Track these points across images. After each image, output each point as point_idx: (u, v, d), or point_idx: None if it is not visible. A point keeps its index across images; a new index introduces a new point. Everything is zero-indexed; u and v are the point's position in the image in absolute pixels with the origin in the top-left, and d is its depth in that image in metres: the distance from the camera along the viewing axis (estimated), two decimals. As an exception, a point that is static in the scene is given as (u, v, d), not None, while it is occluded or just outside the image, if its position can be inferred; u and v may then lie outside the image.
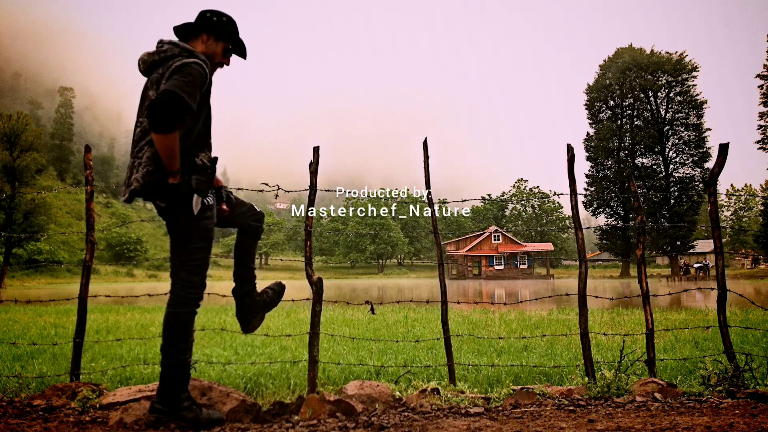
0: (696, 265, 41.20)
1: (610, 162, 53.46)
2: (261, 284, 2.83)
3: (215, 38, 2.51)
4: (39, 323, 7.96)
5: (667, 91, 51.52)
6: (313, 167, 3.16)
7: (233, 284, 2.74)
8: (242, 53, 2.63)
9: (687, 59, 51.26)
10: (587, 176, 54.44)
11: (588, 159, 54.60)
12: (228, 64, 2.59)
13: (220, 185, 2.59)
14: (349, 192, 3.53)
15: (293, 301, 3.93)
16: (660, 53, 52.64)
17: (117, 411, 2.42)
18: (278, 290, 2.84)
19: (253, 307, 2.73)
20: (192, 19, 2.57)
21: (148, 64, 2.45)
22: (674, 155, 51.39)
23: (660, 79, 51.53)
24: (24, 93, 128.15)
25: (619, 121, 53.38)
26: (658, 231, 47.48)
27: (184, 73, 2.27)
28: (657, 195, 30.33)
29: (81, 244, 69.25)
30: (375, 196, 74.82)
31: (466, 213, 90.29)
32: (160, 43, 2.45)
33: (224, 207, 2.58)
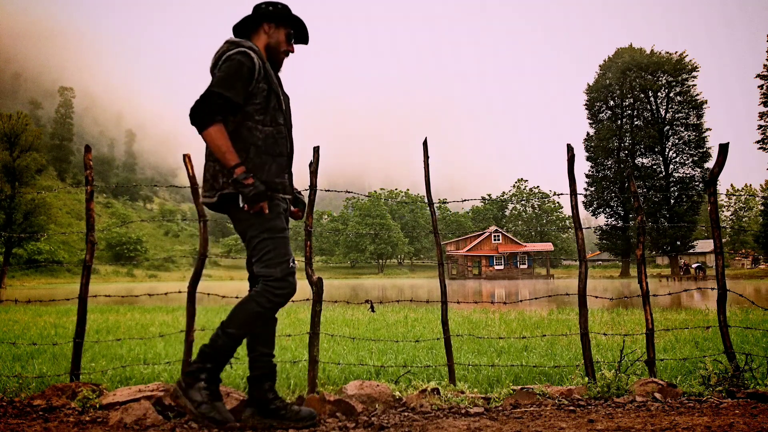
0: (695, 265, 41.25)
1: (610, 162, 53.47)
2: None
3: (276, 25, 2.47)
4: (39, 323, 7.96)
5: (667, 91, 51.53)
6: (313, 167, 3.16)
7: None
8: (304, 37, 2.57)
9: (687, 59, 51.28)
10: (587, 176, 54.45)
11: (588, 159, 54.62)
12: (293, 51, 2.52)
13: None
14: (350, 192, 3.54)
15: (293, 301, 3.93)
16: (660, 53, 52.65)
17: (117, 411, 2.42)
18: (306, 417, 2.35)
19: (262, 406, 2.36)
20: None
21: (211, 70, 2.45)
22: (674, 155, 51.40)
23: (660, 79, 51.54)
24: (24, 93, 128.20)
25: (619, 121, 53.39)
26: (658, 231, 47.49)
27: (222, 67, 2.28)
28: (657, 195, 30.36)
29: (81, 244, 69.25)
30: (375, 195, 74.82)
31: (464, 211, 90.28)
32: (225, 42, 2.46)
33: (295, 210, 2.52)
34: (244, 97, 2.29)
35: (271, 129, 2.38)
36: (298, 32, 2.55)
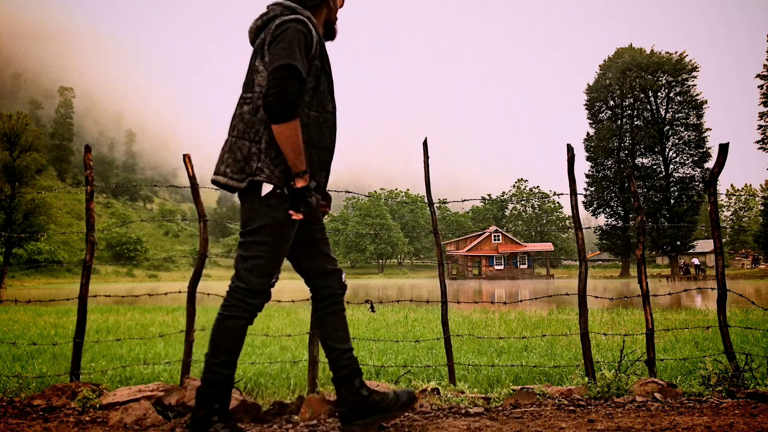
0: (695, 261, 41.30)
1: (610, 162, 53.47)
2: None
3: None
4: (39, 323, 7.96)
5: (667, 91, 51.54)
6: (313, 167, 3.15)
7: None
8: None
9: (687, 59, 51.29)
10: (587, 176, 54.45)
11: (588, 159, 54.62)
12: (342, 5, 2.33)
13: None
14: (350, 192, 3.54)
15: (293, 301, 3.93)
16: (660, 53, 52.66)
17: (117, 411, 2.42)
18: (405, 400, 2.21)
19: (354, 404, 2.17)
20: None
21: (253, 33, 2.19)
22: (674, 155, 51.41)
23: (660, 79, 51.55)
24: (24, 93, 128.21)
25: (619, 121, 53.39)
26: (658, 231, 47.49)
27: (278, 35, 2.00)
28: (657, 195, 30.36)
29: (81, 244, 69.27)
30: (375, 195, 74.89)
31: (464, 211, 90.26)
32: (267, 7, 2.18)
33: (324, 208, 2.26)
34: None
35: (317, 115, 2.13)
36: None
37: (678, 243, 48.49)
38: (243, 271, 2.09)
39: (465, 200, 4.17)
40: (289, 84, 1.93)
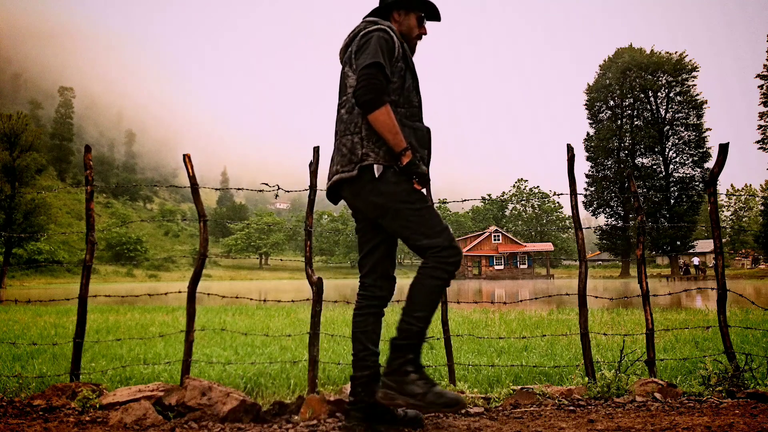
0: (695, 260, 41.30)
1: (610, 162, 53.48)
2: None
3: (405, 12, 2.43)
4: (39, 323, 7.96)
5: (667, 91, 51.56)
6: (313, 167, 3.15)
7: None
8: (436, 15, 2.49)
9: (687, 59, 51.32)
10: (587, 176, 54.46)
11: (588, 159, 54.64)
12: (426, 33, 2.49)
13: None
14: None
15: (293, 301, 3.93)
16: (660, 53, 52.67)
17: (117, 411, 2.42)
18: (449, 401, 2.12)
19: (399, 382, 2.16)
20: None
21: (341, 51, 2.43)
22: (674, 155, 51.42)
23: (660, 79, 51.57)
24: (24, 93, 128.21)
25: (619, 121, 53.39)
26: (658, 231, 47.49)
27: (363, 44, 2.23)
28: (657, 195, 30.38)
29: (81, 244, 69.27)
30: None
31: (464, 211, 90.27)
32: (354, 28, 2.43)
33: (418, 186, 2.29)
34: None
35: (405, 110, 2.31)
36: (429, 12, 2.48)
37: (678, 243, 48.49)
38: (425, 241, 2.18)
39: (465, 200, 4.17)
40: (374, 77, 2.12)
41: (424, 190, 2.26)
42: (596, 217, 56.22)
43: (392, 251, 2.43)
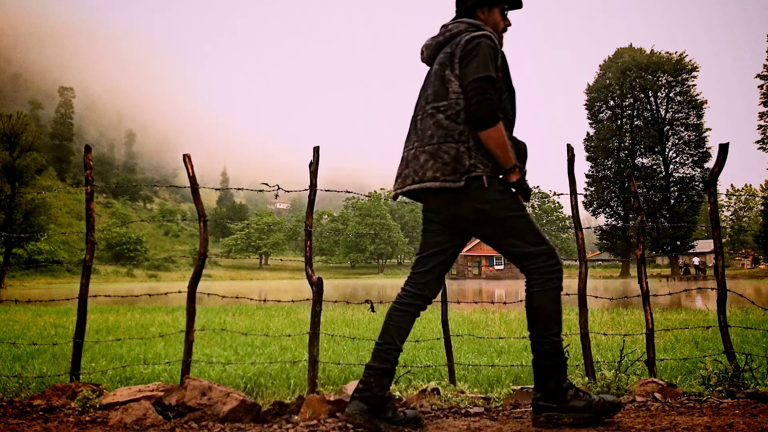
0: (694, 260, 41.29)
1: (610, 162, 53.45)
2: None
3: (488, 8, 2.38)
4: (39, 323, 7.96)
5: (667, 91, 51.52)
6: (313, 167, 3.15)
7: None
8: (517, 2, 2.43)
9: (687, 59, 51.26)
10: (587, 176, 54.42)
11: (588, 159, 54.59)
12: (510, 25, 2.44)
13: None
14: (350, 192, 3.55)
15: (293, 301, 3.93)
16: (660, 53, 52.63)
17: (117, 411, 2.42)
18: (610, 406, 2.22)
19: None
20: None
21: (431, 48, 2.39)
22: (674, 155, 51.39)
23: (660, 79, 51.53)
24: (24, 93, 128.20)
25: (619, 121, 53.36)
26: (658, 231, 47.48)
27: (469, 51, 2.18)
28: (657, 195, 30.39)
29: (81, 244, 69.26)
30: (375, 195, 74.98)
31: None
32: (444, 26, 2.39)
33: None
34: None
35: (502, 118, 2.26)
36: (512, 4, 2.43)
37: (678, 243, 48.47)
38: (531, 249, 2.23)
39: (465, 200, 4.16)
40: (487, 92, 2.11)
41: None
42: (596, 217, 56.18)
43: (455, 258, 2.46)
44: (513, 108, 2.35)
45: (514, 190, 2.25)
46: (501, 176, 2.22)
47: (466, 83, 2.15)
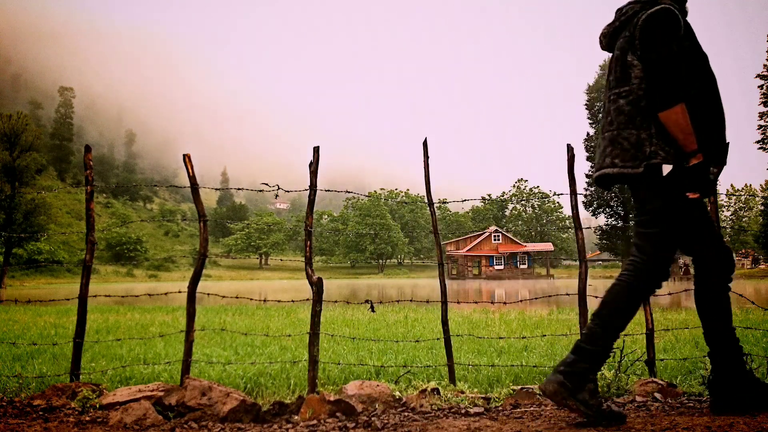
0: None
1: (610, 162, 53.41)
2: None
3: None
4: (39, 323, 7.96)
5: (667, 91, 51.49)
6: (313, 167, 3.15)
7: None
8: None
9: (687, 59, 51.24)
10: (587, 176, 54.43)
11: (588, 159, 54.57)
12: None
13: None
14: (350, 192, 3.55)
15: (293, 301, 3.93)
16: (660, 53, 52.64)
17: (117, 411, 2.42)
18: None
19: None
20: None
21: (609, 36, 2.34)
22: (674, 155, 51.34)
23: (660, 79, 51.51)
24: (24, 93, 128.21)
25: (619, 121, 53.35)
26: (658, 231, 47.42)
27: (653, 32, 2.10)
28: (657, 195, 30.36)
29: (81, 244, 69.26)
30: (375, 195, 75.03)
31: (464, 211, 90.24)
32: (619, 9, 2.33)
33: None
34: None
35: (696, 93, 2.16)
36: None
37: (678, 243, 48.39)
38: (646, 246, 2.19)
39: (465, 200, 4.17)
40: (667, 75, 2.04)
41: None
42: (596, 217, 56.16)
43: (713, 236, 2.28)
44: (708, 74, 2.23)
45: (695, 181, 2.13)
46: (683, 164, 2.13)
47: (646, 65, 2.11)
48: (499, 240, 63.34)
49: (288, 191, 3.39)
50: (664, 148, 2.12)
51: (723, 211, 72.62)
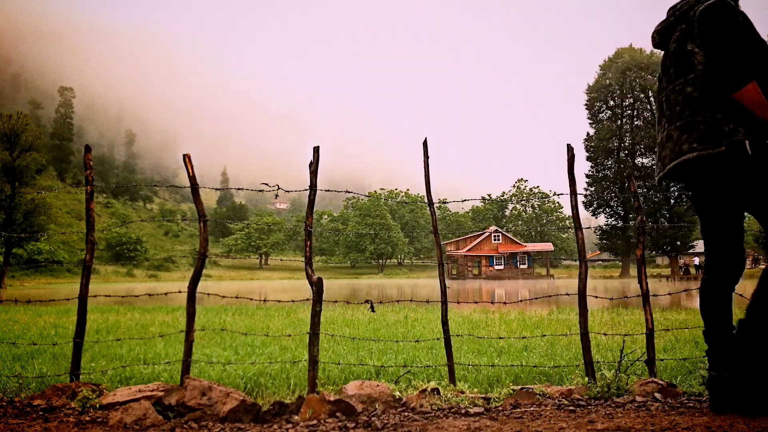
0: (694, 260, 41.30)
1: (610, 162, 53.48)
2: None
3: None
4: (39, 323, 7.95)
5: (667, 91, 51.48)
6: (313, 167, 3.15)
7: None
8: None
9: (687, 59, 51.21)
10: (587, 176, 54.45)
11: (588, 159, 54.63)
12: None
13: None
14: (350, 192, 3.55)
15: (293, 301, 3.93)
16: (660, 53, 52.61)
17: (117, 411, 2.42)
18: None
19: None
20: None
21: (662, 32, 2.43)
22: (674, 155, 51.34)
23: (660, 79, 51.51)
24: (24, 93, 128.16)
25: (619, 121, 53.41)
26: (658, 231, 47.48)
27: (710, 22, 2.18)
28: (657, 195, 30.40)
29: (81, 244, 69.25)
30: (375, 195, 75.00)
31: (464, 211, 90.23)
32: (672, 7, 2.41)
33: None
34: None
35: (758, 77, 2.20)
36: None
37: (678, 243, 48.47)
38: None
39: (465, 200, 4.17)
40: (732, 58, 2.12)
41: None
42: (596, 217, 56.22)
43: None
44: (766, 55, 2.28)
45: None
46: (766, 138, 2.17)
47: (708, 51, 2.17)
48: (499, 240, 63.32)
49: (288, 191, 3.38)
50: (742, 125, 2.16)
51: (723, 211, 72.49)
